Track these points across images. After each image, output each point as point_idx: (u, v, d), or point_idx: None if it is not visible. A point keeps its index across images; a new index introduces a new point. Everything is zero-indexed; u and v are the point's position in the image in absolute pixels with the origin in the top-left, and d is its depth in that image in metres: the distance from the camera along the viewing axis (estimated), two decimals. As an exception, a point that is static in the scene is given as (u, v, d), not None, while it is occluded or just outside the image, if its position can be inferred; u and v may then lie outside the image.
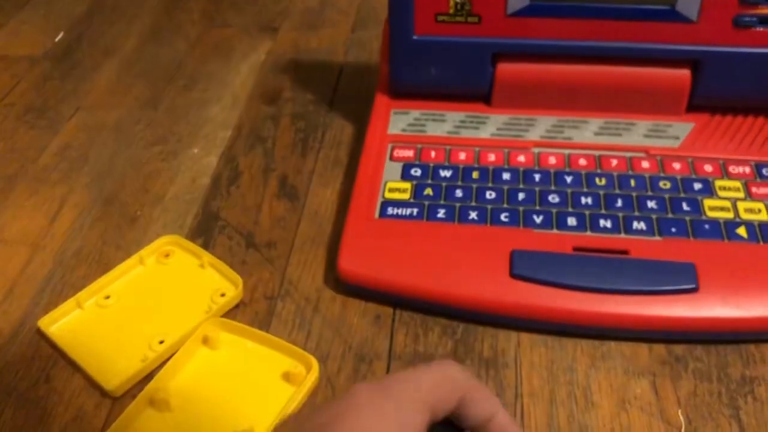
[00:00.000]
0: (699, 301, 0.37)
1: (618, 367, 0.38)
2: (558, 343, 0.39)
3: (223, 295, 0.41)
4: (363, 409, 0.24)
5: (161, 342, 0.38)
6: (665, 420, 0.35)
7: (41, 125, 0.56)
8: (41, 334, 0.40)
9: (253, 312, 0.41)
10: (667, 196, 0.43)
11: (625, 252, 0.39)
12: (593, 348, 0.39)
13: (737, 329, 0.38)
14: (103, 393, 0.37)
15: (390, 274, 0.40)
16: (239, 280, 0.41)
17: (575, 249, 0.40)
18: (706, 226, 0.41)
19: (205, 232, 0.46)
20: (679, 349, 0.38)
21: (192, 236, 0.45)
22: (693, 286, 0.38)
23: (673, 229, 0.41)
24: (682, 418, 0.36)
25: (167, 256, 0.44)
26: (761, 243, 0.40)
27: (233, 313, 0.41)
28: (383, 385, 0.25)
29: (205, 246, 0.44)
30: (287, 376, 0.37)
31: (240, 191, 0.49)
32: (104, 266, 0.43)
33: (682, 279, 0.38)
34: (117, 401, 0.37)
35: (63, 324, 0.40)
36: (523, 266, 0.39)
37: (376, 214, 0.43)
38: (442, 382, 0.26)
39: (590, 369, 0.38)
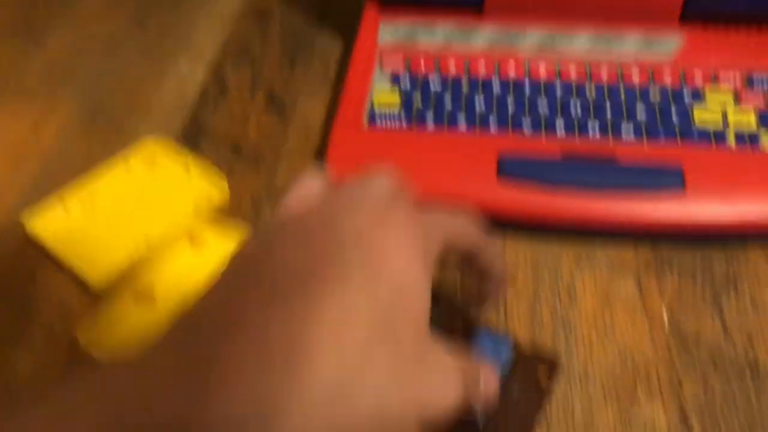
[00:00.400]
0: (685, 202, 0.37)
1: (603, 266, 0.38)
2: (544, 244, 0.39)
3: (209, 198, 0.41)
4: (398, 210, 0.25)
5: (146, 240, 0.38)
6: (649, 316, 0.36)
7: (27, 41, 0.55)
8: (26, 234, 0.40)
9: (239, 216, 0.41)
10: (656, 105, 0.42)
11: (613, 157, 0.39)
12: (578, 248, 0.39)
13: (722, 230, 0.38)
14: (87, 289, 0.37)
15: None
16: (225, 185, 0.41)
17: (563, 154, 0.40)
18: (695, 133, 0.41)
19: (191, 141, 0.45)
20: (664, 249, 0.39)
21: (178, 142, 0.45)
22: (680, 188, 0.38)
23: (662, 136, 0.40)
24: (665, 313, 0.36)
25: (153, 160, 0.43)
26: (748, 150, 0.40)
27: (219, 218, 0.41)
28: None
29: (190, 154, 0.44)
30: (273, 273, 0.37)
31: (227, 104, 0.48)
32: (90, 168, 0.43)
33: (670, 181, 0.38)
34: (102, 296, 0.37)
35: (48, 223, 0.40)
36: (511, 169, 0.39)
37: (364, 123, 0.43)
38: (462, 222, 0.29)
39: (575, 268, 0.38)
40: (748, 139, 0.40)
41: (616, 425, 0.32)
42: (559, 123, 0.41)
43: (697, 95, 0.43)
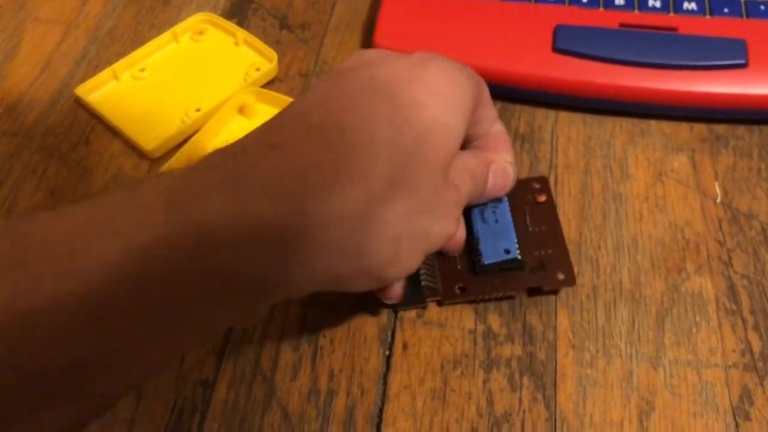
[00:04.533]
0: (747, 77, 0.36)
1: (657, 143, 0.37)
2: (597, 121, 0.38)
3: (258, 69, 0.41)
4: (436, 72, 0.26)
5: (198, 110, 0.39)
6: (701, 191, 0.35)
7: None
8: (79, 102, 0.40)
9: (288, 87, 0.41)
10: (721, -21, 0.40)
11: (673, 29, 0.38)
12: (632, 125, 0.38)
13: (784, 107, 0.37)
14: (141, 154, 0.38)
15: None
16: (274, 55, 0.41)
17: (621, 25, 0.38)
18: (762, 7, 0.39)
19: (238, 14, 0.45)
20: (720, 128, 0.38)
21: (225, 17, 0.44)
22: (742, 61, 0.36)
23: (726, 9, 0.39)
24: (718, 189, 0.35)
25: (201, 33, 0.43)
26: (818, 26, 0.38)
27: (268, 87, 0.41)
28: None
29: (239, 27, 0.44)
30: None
31: (274, -21, 0.47)
32: (138, 44, 0.43)
33: (732, 54, 0.36)
34: (155, 163, 0.38)
35: (100, 92, 0.40)
36: (567, 40, 0.38)
37: (414, -5, 0.41)
38: (476, 74, 0.29)
39: (628, 144, 0.37)
40: (818, 16, 0.39)
41: (663, 294, 0.32)
42: (619, -4, 0.40)
43: (766, -30, 0.41)
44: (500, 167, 0.30)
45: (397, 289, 0.29)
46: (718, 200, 0.35)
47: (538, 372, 0.30)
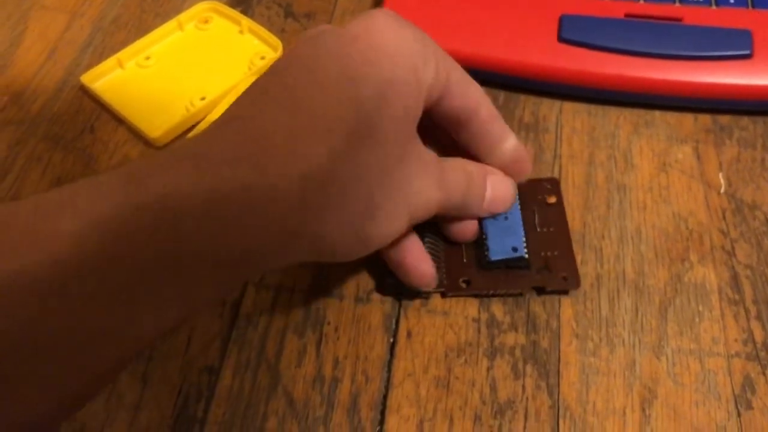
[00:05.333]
0: (752, 68, 0.36)
1: (661, 133, 0.37)
2: (601, 111, 0.38)
3: (263, 58, 0.41)
4: (383, 29, 0.26)
5: (203, 98, 0.39)
6: (705, 182, 0.35)
7: None
8: (84, 90, 0.40)
9: (293, 77, 0.41)
10: (727, -31, 0.40)
11: (678, 19, 0.38)
12: (637, 116, 0.38)
13: (788, 98, 0.37)
14: (146, 142, 0.38)
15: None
16: (279, 44, 0.41)
17: (627, 15, 0.38)
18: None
19: (243, 3, 0.45)
20: (724, 119, 0.38)
21: (230, 6, 0.44)
22: (747, 52, 0.36)
23: (732, 1, 0.39)
24: (722, 180, 0.35)
25: (206, 21, 0.43)
26: (824, 17, 0.38)
27: (273, 76, 0.41)
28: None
29: (244, 15, 0.44)
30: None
31: (278, -32, 0.47)
32: (143, 32, 0.43)
33: (737, 45, 0.37)
34: (160, 149, 0.38)
35: (105, 81, 0.40)
36: (572, 30, 0.38)
37: (420, -17, 0.41)
38: (443, 53, 0.28)
39: (632, 135, 0.37)
40: (824, 7, 0.39)
41: (666, 284, 0.32)
42: (624, -14, 0.40)
43: (772, -40, 0.41)
44: (499, 179, 0.30)
45: (424, 272, 0.29)
46: (722, 191, 0.35)
47: (542, 360, 0.30)
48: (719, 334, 0.31)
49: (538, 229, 0.33)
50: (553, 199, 0.34)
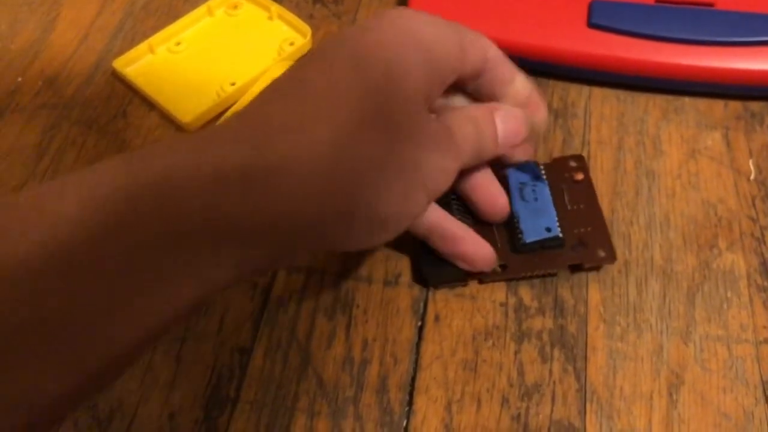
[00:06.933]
0: (785, 54, 0.36)
1: (690, 120, 0.37)
2: (630, 97, 0.38)
3: (292, 44, 0.41)
4: (394, 19, 0.26)
5: (233, 84, 0.39)
6: (735, 168, 0.35)
7: None
8: (116, 75, 0.41)
9: (322, 62, 0.41)
10: (760, -46, 0.40)
11: (710, 4, 0.38)
12: (666, 102, 0.38)
13: (821, 85, 0.36)
14: (178, 127, 0.38)
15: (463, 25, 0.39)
16: (308, 30, 0.41)
17: (658, 0, 0.38)
18: (801, -16, 0.38)
19: (272, -11, 0.45)
20: (755, 105, 0.37)
21: (259, -8, 0.45)
22: (781, 38, 0.36)
23: (765, -15, 0.38)
24: (752, 167, 0.35)
25: (236, 7, 0.43)
26: None
27: (302, 62, 0.41)
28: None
29: (273, 1, 0.44)
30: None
31: (306, -47, 0.48)
32: (173, 18, 0.43)
33: (769, 31, 0.36)
34: (192, 135, 0.38)
35: (137, 66, 0.41)
36: (602, 15, 0.37)
37: (448, -31, 0.41)
38: (474, 34, 0.29)
39: (661, 121, 0.37)
40: None
41: (695, 270, 0.32)
42: (655, -30, 0.39)
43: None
44: (505, 112, 0.30)
45: (477, 253, 0.30)
46: (752, 177, 0.35)
47: (569, 344, 0.30)
48: (747, 321, 0.31)
49: (569, 207, 0.33)
50: (580, 176, 0.34)
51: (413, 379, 0.30)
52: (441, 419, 0.29)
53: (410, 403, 0.29)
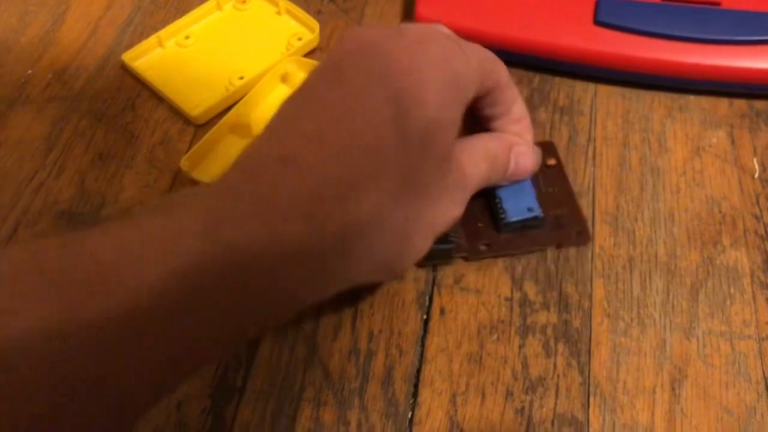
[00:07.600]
0: (790, 53, 0.36)
1: (695, 118, 0.37)
2: (636, 95, 0.38)
3: (300, 39, 0.41)
4: (433, 55, 0.26)
5: (241, 78, 0.39)
6: (739, 166, 0.36)
7: None
8: (125, 69, 0.41)
9: (329, 57, 0.41)
10: (767, -47, 0.40)
11: (716, 3, 0.38)
12: (671, 100, 0.38)
13: (826, 84, 0.36)
14: (186, 120, 0.39)
15: (469, 22, 0.39)
16: (316, 25, 0.41)
17: (664, -1, 0.38)
18: (808, -17, 0.38)
19: (280, -16, 0.45)
20: (760, 104, 0.38)
21: (267, -13, 0.45)
22: (786, 37, 0.36)
23: (771, -15, 0.39)
24: (757, 165, 0.36)
25: (244, 2, 0.44)
26: None
27: (309, 57, 0.41)
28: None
29: (281, -4, 0.44)
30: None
31: (314, -51, 0.48)
32: (182, 12, 0.43)
33: (776, 29, 0.36)
34: (200, 128, 0.38)
35: (146, 59, 0.41)
36: (608, 13, 0.38)
37: (457, -37, 0.42)
38: (493, 57, 0.29)
39: (666, 119, 0.37)
40: None
41: (698, 267, 0.33)
42: (662, -31, 0.40)
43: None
44: (522, 151, 0.31)
45: None
46: (756, 175, 0.35)
47: (573, 339, 0.31)
48: (750, 317, 0.31)
49: (543, 190, 0.34)
50: (552, 161, 0.35)
51: (418, 371, 0.30)
52: (446, 411, 0.29)
53: (415, 395, 0.29)
